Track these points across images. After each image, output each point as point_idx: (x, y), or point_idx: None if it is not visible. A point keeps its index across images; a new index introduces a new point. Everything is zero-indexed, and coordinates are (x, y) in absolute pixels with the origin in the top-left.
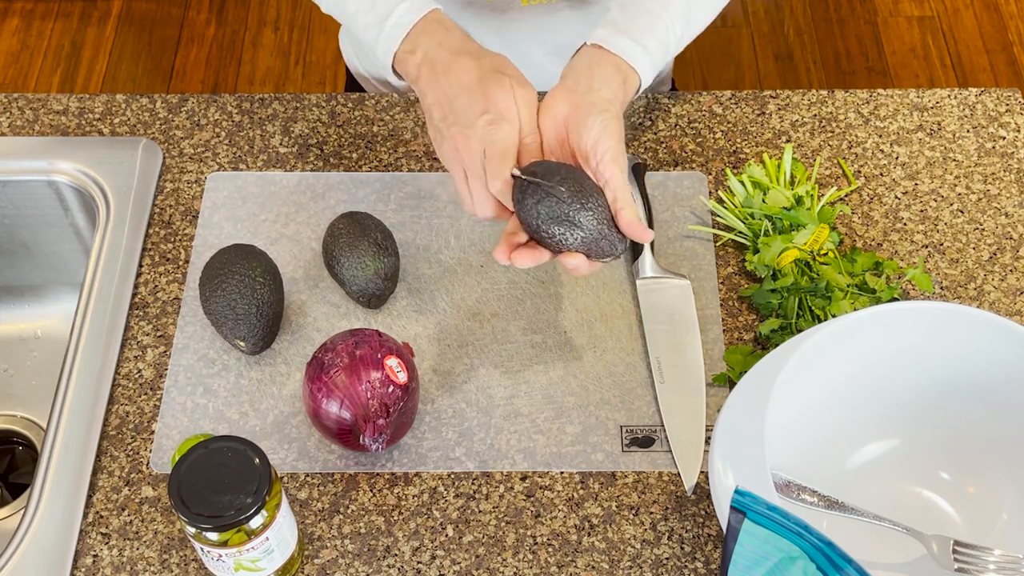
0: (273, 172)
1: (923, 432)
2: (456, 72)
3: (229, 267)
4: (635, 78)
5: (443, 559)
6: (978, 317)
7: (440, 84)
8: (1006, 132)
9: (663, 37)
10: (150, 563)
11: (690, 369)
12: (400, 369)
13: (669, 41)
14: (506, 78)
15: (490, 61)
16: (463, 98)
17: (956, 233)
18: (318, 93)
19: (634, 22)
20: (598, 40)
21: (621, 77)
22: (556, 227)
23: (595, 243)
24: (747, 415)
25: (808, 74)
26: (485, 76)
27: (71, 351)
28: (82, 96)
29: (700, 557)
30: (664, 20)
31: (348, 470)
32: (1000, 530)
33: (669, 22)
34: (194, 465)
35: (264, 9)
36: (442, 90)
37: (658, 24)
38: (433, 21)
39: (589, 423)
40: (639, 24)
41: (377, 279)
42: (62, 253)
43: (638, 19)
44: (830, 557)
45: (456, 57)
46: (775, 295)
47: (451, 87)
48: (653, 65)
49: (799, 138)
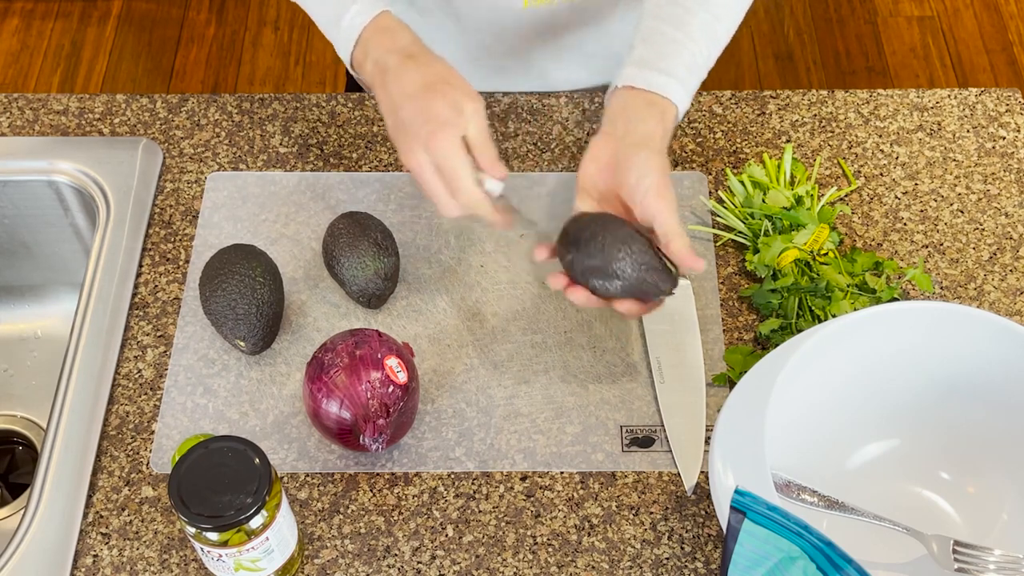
0: (273, 172)
1: (923, 432)
2: (401, 81)
3: (229, 267)
4: (672, 108)
5: (443, 559)
6: (978, 317)
7: (389, 92)
8: (1006, 132)
9: (690, 61)
10: (150, 563)
11: (690, 369)
12: (400, 369)
13: (697, 63)
14: (449, 88)
15: (434, 70)
16: (407, 108)
17: (956, 233)
18: (318, 93)
19: (659, 53)
20: (627, 81)
21: (658, 112)
22: (595, 280)
23: (637, 288)
24: (747, 415)
25: (808, 74)
26: (428, 85)
27: (71, 351)
28: (82, 96)
29: (700, 557)
30: (688, 45)
31: (348, 470)
32: (1000, 530)
33: (693, 46)
34: (194, 465)
35: (264, 9)
36: (391, 98)
37: (683, 51)
38: (380, 28)
39: (589, 423)
40: (664, 55)
41: (377, 279)
42: (62, 253)
43: (662, 50)
44: (830, 557)
45: (402, 65)
46: (775, 295)
47: (397, 96)
48: (686, 91)
49: (799, 138)
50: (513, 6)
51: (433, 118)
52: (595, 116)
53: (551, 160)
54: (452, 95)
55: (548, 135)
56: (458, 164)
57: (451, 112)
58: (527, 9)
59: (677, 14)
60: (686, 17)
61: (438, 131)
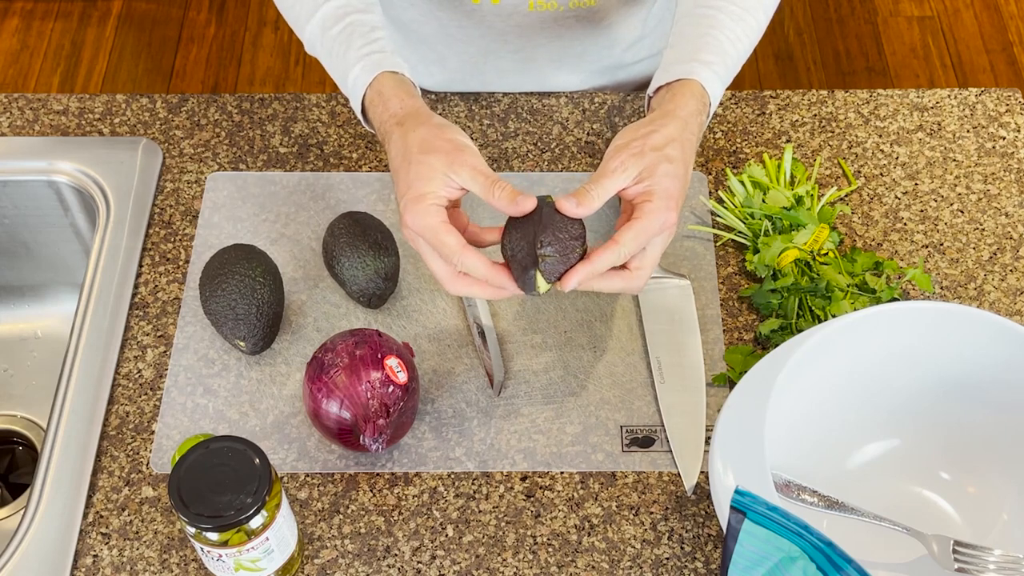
0: (273, 172)
1: (923, 432)
2: (390, 152)
3: (229, 267)
4: (689, 82)
5: (443, 559)
6: (978, 317)
7: (389, 156)
8: (1006, 132)
9: (717, 47)
10: (150, 563)
11: (690, 369)
12: (400, 369)
13: (723, 48)
14: (424, 156)
15: (416, 136)
16: (395, 179)
17: (956, 233)
18: (318, 93)
19: (676, 52)
20: (654, 84)
21: (670, 94)
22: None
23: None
24: (747, 415)
25: (808, 74)
26: (406, 155)
27: (71, 351)
28: (82, 96)
29: (700, 557)
30: (711, 32)
31: (348, 470)
32: (1000, 530)
33: (717, 33)
34: (194, 465)
35: (264, 9)
36: (390, 162)
37: (706, 39)
38: (376, 92)
39: (589, 423)
40: (678, 55)
41: (377, 279)
42: (62, 253)
43: (677, 49)
44: (830, 557)
45: (390, 134)
46: (775, 295)
47: (391, 162)
48: (707, 66)
49: (799, 138)
50: (518, 8)
51: (407, 191)
52: (595, 116)
53: (551, 160)
54: (428, 162)
55: (548, 135)
56: (437, 233)
57: (423, 182)
58: (532, 12)
59: (702, 13)
60: (709, 14)
61: (411, 205)
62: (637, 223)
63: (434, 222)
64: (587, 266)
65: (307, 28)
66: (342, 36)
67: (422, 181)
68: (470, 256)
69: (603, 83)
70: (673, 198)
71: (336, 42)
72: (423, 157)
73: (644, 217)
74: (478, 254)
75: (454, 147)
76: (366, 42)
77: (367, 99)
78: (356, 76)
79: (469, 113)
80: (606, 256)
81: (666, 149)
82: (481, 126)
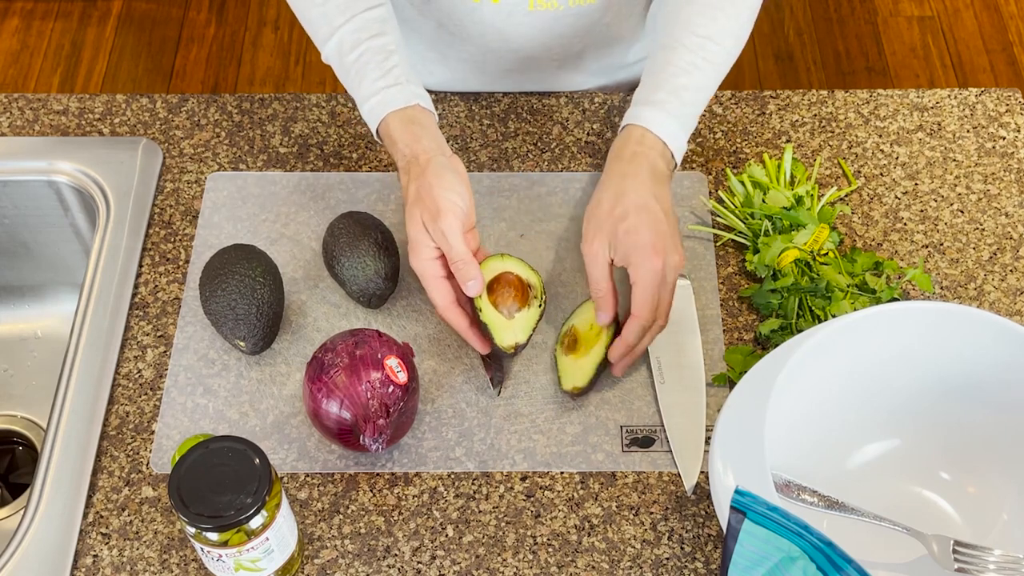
0: (273, 172)
1: (923, 432)
2: (404, 190)
3: (229, 267)
4: (631, 127)
5: (443, 559)
6: (978, 317)
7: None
8: (1006, 132)
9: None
10: (150, 563)
11: (690, 369)
12: (400, 369)
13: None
14: (415, 212)
15: (418, 185)
16: (405, 212)
17: (956, 233)
18: (318, 93)
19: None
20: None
21: (618, 140)
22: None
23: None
24: (747, 415)
25: (808, 74)
26: (413, 201)
27: (71, 351)
28: (82, 96)
29: (700, 557)
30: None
31: (348, 470)
32: (1000, 530)
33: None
34: (194, 465)
35: (264, 9)
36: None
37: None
38: (385, 134)
39: (589, 423)
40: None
41: (377, 279)
42: (62, 253)
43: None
44: (830, 557)
45: (400, 174)
46: (775, 295)
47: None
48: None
49: (799, 138)
50: (519, 8)
51: (411, 236)
52: (595, 116)
53: (551, 160)
54: (416, 216)
55: (548, 135)
56: (428, 284)
57: (417, 231)
58: (532, 11)
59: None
60: (672, 52)
61: (411, 247)
62: (636, 289)
63: (428, 274)
64: (622, 346)
65: (325, 48)
66: (357, 66)
67: (416, 230)
68: (452, 315)
69: (603, 83)
70: (648, 245)
71: (352, 72)
72: (413, 211)
73: (637, 281)
74: (460, 315)
75: (436, 209)
76: (380, 74)
77: (380, 135)
78: (369, 111)
79: (469, 113)
80: (633, 329)
81: (616, 210)
82: (481, 126)
